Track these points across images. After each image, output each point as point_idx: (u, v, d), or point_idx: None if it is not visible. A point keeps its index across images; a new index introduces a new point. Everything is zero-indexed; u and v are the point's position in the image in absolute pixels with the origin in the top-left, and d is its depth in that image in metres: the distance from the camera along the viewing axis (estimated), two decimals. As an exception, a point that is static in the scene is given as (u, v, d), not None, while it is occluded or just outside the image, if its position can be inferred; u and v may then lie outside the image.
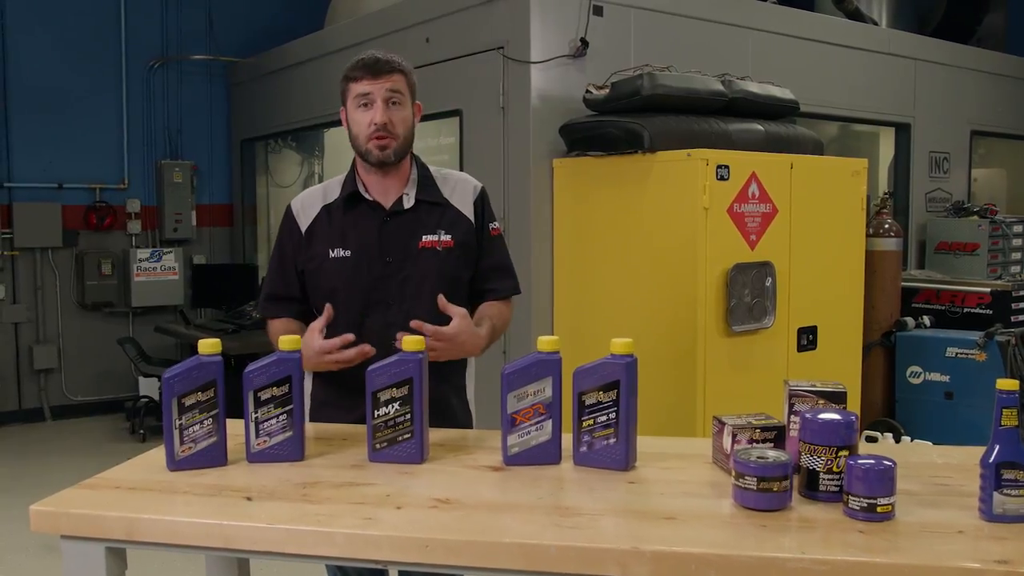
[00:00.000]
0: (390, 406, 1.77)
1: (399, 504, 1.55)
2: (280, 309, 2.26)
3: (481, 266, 2.26)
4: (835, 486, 1.52)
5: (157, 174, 7.26)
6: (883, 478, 1.45)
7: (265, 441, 1.79)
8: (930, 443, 4.42)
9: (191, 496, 1.61)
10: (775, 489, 1.49)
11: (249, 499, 1.59)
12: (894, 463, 1.46)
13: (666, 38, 4.59)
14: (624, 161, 3.85)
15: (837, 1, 6.23)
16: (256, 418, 1.79)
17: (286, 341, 1.80)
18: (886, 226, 5.18)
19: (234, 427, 1.81)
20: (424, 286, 2.14)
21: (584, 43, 4.25)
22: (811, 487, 1.55)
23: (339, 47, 5.85)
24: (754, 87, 4.23)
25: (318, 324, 2.03)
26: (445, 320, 2.03)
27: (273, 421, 1.79)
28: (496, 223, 2.31)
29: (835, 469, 1.52)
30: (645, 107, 3.89)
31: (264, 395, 1.78)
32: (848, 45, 5.66)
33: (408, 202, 2.20)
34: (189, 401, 1.74)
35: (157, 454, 1.81)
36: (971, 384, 4.82)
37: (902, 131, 6.19)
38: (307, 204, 2.25)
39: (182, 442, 1.74)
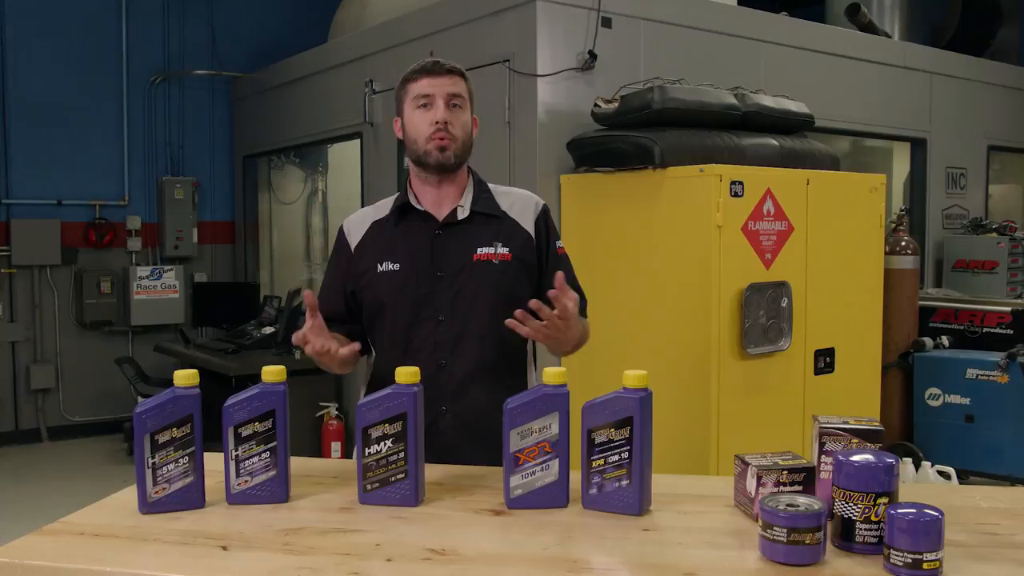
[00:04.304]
0: (382, 444, 1.62)
1: (389, 556, 1.41)
2: None
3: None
4: (873, 537, 1.37)
5: (158, 190, 7.16)
6: (930, 531, 1.29)
7: (246, 481, 1.65)
8: (953, 470, 4.26)
9: (162, 544, 1.47)
10: (807, 541, 1.34)
11: (225, 548, 1.44)
12: (941, 513, 1.31)
13: (677, 51, 4.47)
14: (634, 177, 3.72)
15: (850, 14, 6.10)
16: (236, 456, 1.64)
17: (269, 372, 1.66)
18: (903, 243, 5.04)
19: (219, 462, 1.67)
20: (478, 302, 2.02)
21: (592, 56, 4.14)
22: (846, 537, 1.40)
23: (342, 61, 5.76)
24: (768, 101, 4.09)
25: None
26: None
27: (255, 459, 1.65)
28: (561, 242, 2.18)
29: (873, 518, 1.37)
30: (656, 121, 3.76)
31: (245, 431, 1.64)
32: (863, 58, 5.54)
33: (462, 213, 2.07)
34: (163, 438, 1.59)
35: (129, 494, 1.66)
36: (993, 407, 4.68)
37: (918, 146, 6.06)
38: (357, 222, 2.15)
39: (155, 483, 1.60)
